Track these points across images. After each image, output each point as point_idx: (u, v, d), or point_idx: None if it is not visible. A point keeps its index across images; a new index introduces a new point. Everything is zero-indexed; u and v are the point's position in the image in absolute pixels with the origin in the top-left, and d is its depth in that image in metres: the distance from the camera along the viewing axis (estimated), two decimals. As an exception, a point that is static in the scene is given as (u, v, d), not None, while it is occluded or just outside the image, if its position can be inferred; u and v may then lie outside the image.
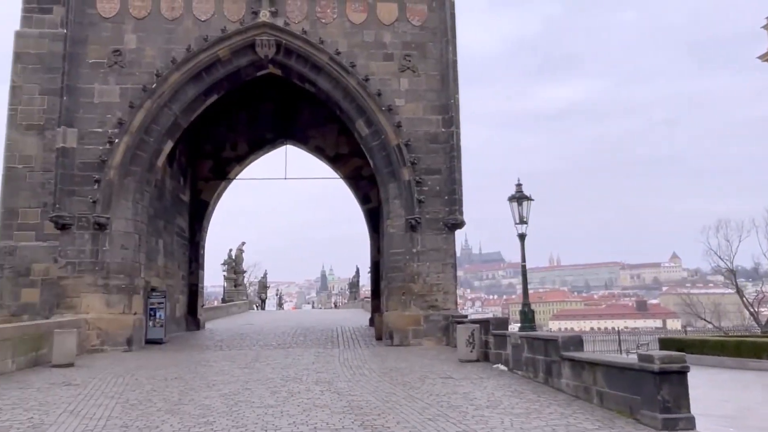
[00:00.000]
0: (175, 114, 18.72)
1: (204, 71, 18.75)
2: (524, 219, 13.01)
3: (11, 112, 20.24)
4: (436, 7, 19.48)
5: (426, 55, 19.35)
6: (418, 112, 19.11)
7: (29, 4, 20.93)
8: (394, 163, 18.82)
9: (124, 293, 17.63)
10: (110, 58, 18.44)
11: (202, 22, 18.83)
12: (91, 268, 17.49)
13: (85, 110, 18.20)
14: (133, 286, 17.89)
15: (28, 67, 20.34)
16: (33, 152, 19.94)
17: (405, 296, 18.30)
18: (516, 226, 13.08)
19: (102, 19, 18.60)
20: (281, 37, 18.83)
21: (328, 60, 18.86)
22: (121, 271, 17.70)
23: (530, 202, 13.04)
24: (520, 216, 12.97)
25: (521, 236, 13.08)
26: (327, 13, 19.23)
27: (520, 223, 13.03)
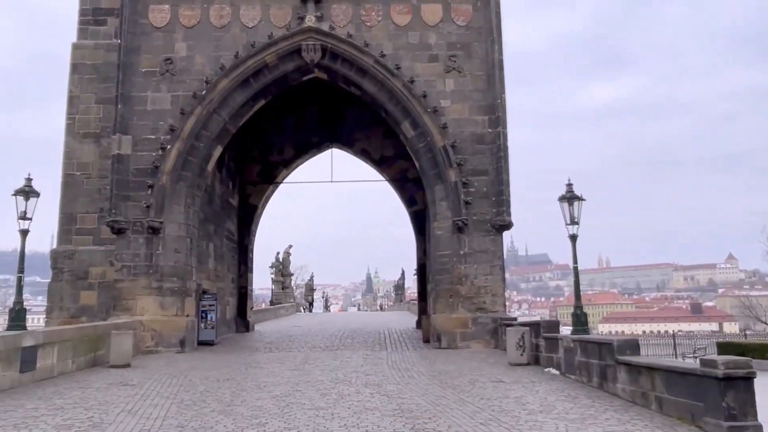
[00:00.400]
0: (224, 120, 19.07)
1: (252, 77, 19.04)
2: (575, 219, 12.71)
3: (69, 121, 21.04)
4: (481, 7, 19.29)
5: (471, 55, 19.17)
6: (464, 112, 18.95)
7: (85, 16, 21.74)
8: (440, 165, 18.70)
9: (177, 296, 18.04)
10: (162, 67, 18.93)
11: (249, 29, 19.13)
12: (146, 271, 17.96)
13: (139, 118, 18.72)
14: (185, 288, 18.30)
15: (85, 77, 21.12)
16: (90, 159, 20.68)
17: (452, 298, 18.14)
18: (567, 227, 12.78)
19: (154, 29, 19.11)
20: (327, 42, 18.96)
21: (373, 63, 18.89)
22: (174, 274, 18.12)
23: (581, 202, 12.73)
24: (571, 216, 12.68)
25: (572, 237, 12.78)
26: (371, 16, 19.27)
27: (572, 223, 12.73)
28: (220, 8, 19.22)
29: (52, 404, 9.64)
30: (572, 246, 12.82)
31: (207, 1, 19.22)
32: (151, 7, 19.13)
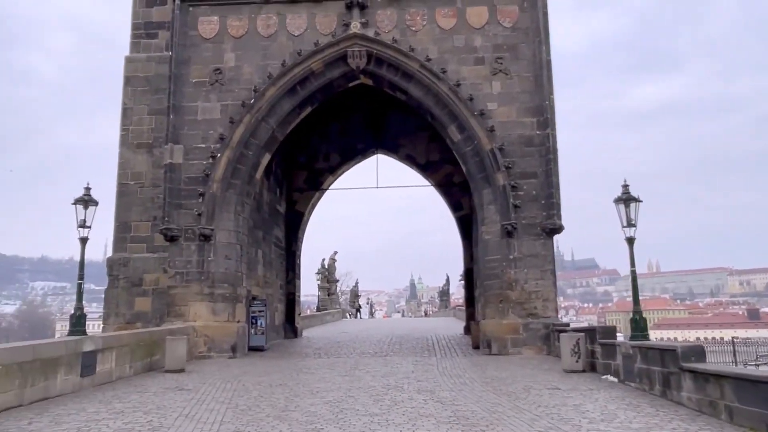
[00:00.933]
0: (272, 127, 19.30)
1: (298, 84, 19.22)
2: (632, 222, 12.32)
3: (123, 132, 21.65)
4: (527, 7, 19.02)
5: (518, 56, 18.91)
6: (511, 115, 18.69)
7: (137, 30, 22.38)
8: (488, 168, 18.47)
9: (228, 302, 18.30)
10: (211, 77, 19.30)
11: (295, 37, 19.34)
12: (198, 278, 18.28)
13: (190, 127, 19.12)
14: (236, 294, 18.54)
15: (137, 89, 21.72)
16: (143, 169, 21.23)
17: (502, 304, 17.85)
18: (623, 229, 12.40)
19: (203, 40, 19.51)
20: (372, 47, 19.01)
21: (418, 67, 18.83)
22: (225, 280, 18.39)
23: (638, 203, 12.34)
24: (628, 219, 12.30)
25: (629, 240, 12.37)
26: (416, 20, 19.23)
27: (628, 226, 12.34)
28: (267, 18, 19.49)
29: (112, 408, 9.85)
30: (629, 249, 12.42)
31: (254, 12, 19.52)
32: (200, 19, 19.54)
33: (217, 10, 19.61)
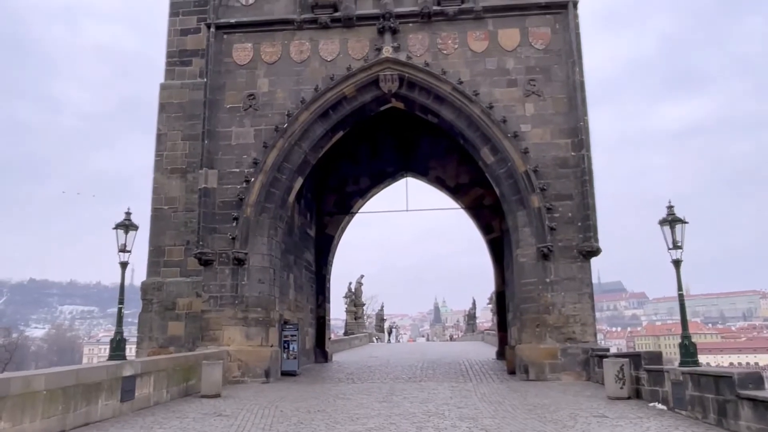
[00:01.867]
0: (305, 152, 19.41)
1: (331, 109, 19.34)
2: (678, 244, 12.03)
3: (157, 158, 21.95)
4: (560, 29, 18.97)
5: (551, 78, 18.82)
6: (545, 136, 18.54)
7: (171, 58, 22.81)
8: (522, 191, 18.28)
9: (262, 326, 18.25)
10: (245, 102, 19.52)
11: (328, 62, 19.51)
12: (231, 302, 18.29)
13: (224, 152, 19.30)
14: (269, 319, 18.50)
15: (172, 115, 22.05)
16: (176, 194, 21.45)
17: (539, 328, 17.51)
18: (669, 251, 12.10)
19: (237, 67, 19.79)
20: (404, 71, 19.08)
21: (450, 90, 18.83)
22: (259, 304, 18.37)
23: (684, 225, 12.06)
24: (674, 241, 12.01)
25: (676, 263, 12.06)
26: (448, 44, 19.29)
27: (674, 248, 12.04)
28: (300, 44, 19.72)
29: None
30: (676, 272, 12.08)
31: (287, 38, 19.77)
32: (234, 46, 19.85)
33: (251, 37, 19.91)
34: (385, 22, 19.26)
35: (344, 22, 19.57)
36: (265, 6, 20.10)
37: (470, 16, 19.27)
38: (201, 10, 22.19)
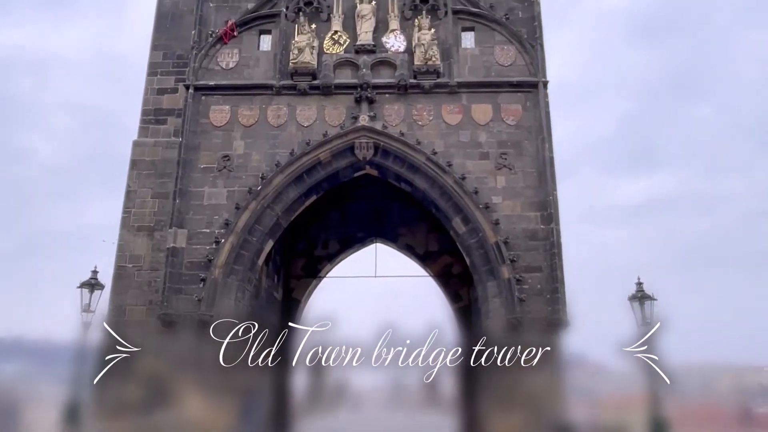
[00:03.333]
0: (277, 214, 19.39)
1: (305, 173, 19.50)
2: (647, 321, 12.25)
3: (125, 215, 21.53)
4: (530, 107, 19.74)
5: (522, 152, 19.43)
6: (515, 209, 18.95)
7: (147, 116, 22.74)
8: (492, 261, 18.49)
9: (225, 392, 17.60)
10: (219, 163, 19.55)
11: (304, 128, 19.81)
12: (194, 366, 17.65)
13: (195, 212, 19.14)
14: (233, 384, 17.86)
15: (143, 173, 21.80)
16: (142, 252, 20.94)
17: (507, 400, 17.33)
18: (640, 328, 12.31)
19: (214, 128, 19.92)
20: (379, 140, 19.48)
21: (425, 160, 19.24)
22: (222, 369, 17.76)
23: (653, 302, 12.32)
24: (644, 317, 12.22)
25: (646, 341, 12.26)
26: (423, 115, 19.83)
27: (644, 325, 12.25)
28: (278, 109, 20.02)
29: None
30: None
31: (265, 102, 20.07)
32: (212, 107, 20.04)
33: (229, 99, 20.15)
34: (363, 92, 19.78)
35: (322, 90, 20.01)
36: (245, 71, 20.48)
37: (445, 90, 19.95)
38: (179, 71, 22.40)
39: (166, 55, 22.91)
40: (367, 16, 20.64)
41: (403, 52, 20.34)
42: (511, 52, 20.33)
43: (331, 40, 20.57)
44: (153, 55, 23.05)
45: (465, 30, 20.76)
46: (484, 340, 18.64)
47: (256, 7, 21.12)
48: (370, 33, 20.51)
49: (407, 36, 20.48)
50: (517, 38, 20.34)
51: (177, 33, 22.85)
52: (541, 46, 20.21)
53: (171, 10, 23.32)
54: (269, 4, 21.16)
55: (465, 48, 20.59)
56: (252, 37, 20.91)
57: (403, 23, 20.74)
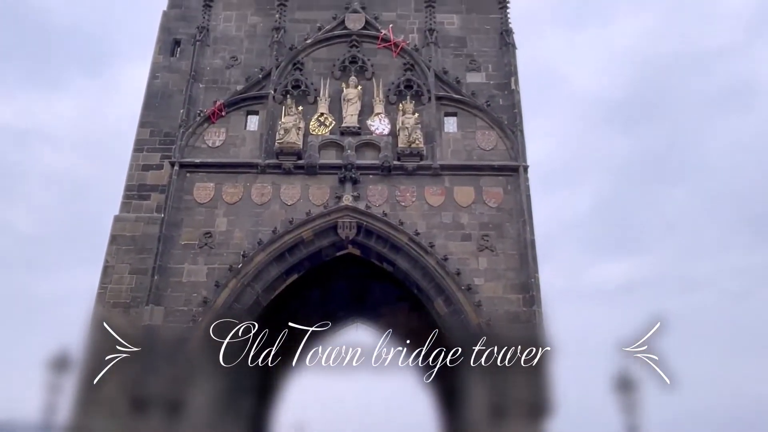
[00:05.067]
0: (258, 293, 19.14)
1: (287, 252, 19.43)
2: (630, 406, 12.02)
3: (101, 291, 21.07)
4: (511, 190, 20.12)
5: (503, 234, 19.61)
6: (497, 290, 18.92)
7: (130, 191, 22.72)
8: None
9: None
10: (201, 240, 19.44)
11: (288, 206, 19.91)
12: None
13: (173, 289, 18.82)
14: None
15: (122, 248, 21.55)
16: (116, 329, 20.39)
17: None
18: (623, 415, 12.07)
19: (197, 205, 19.94)
20: (362, 219, 19.60)
21: (407, 240, 19.32)
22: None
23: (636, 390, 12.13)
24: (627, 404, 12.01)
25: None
26: (406, 197, 20.08)
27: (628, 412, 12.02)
28: (262, 187, 20.17)
29: None
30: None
31: (250, 180, 20.24)
32: (197, 184, 20.15)
33: (214, 177, 20.30)
34: (347, 173, 20.07)
35: (307, 170, 20.28)
36: (231, 149, 20.76)
37: (428, 172, 20.32)
38: (166, 148, 22.59)
39: (153, 132, 23.22)
40: (353, 99, 21.27)
41: (388, 134, 20.86)
42: (492, 136, 20.93)
43: (317, 122, 21.07)
44: (140, 131, 23.36)
45: (448, 115, 21.43)
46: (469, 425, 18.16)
47: (244, 88, 21.69)
48: (355, 116, 21.07)
49: (392, 119, 21.06)
50: (498, 124, 21.01)
51: (165, 111, 23.26)
52: (521, 132, 20.87)
53: (161, 89, 23.86)
54: (258, 86, 21.75)
55: (448, 132, 21.18)
56: (239, 117, 21.35)
57: (388, 107, 21.38)
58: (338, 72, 21.97)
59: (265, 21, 23.04)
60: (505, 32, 22.65)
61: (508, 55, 22.21)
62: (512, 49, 22.35)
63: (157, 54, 24.72)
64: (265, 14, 23.19)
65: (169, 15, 25.55)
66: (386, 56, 22.25)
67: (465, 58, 22.39)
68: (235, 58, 22.36)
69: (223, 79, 22.08)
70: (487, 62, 22.32)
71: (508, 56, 22.20)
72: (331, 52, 22.39)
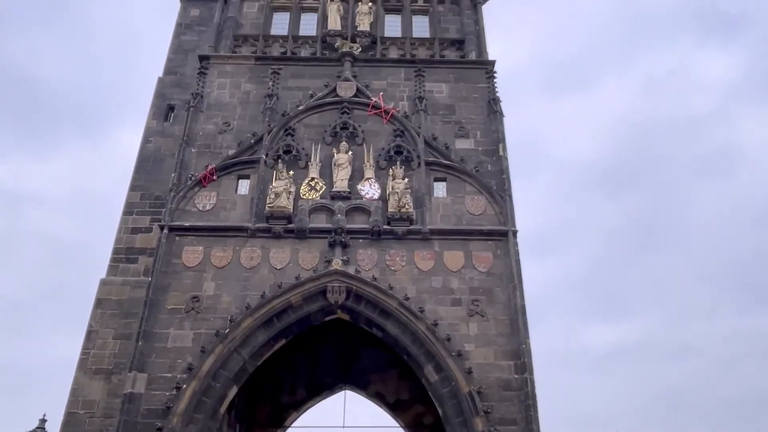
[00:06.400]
0: (244, 359, 18.73)
1: (276, 316, 19.16)
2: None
3: (83, 356, 20.55)
4: (501, 255, 20.15)
5: (494, 300, 19.50)
6: (489, 357, 18.64)
7: (118, 254, 22.56)
8: (465, 412, 17.81)
9: None
10: (188, 304, 19.15)
11: (277, 270, 19.77)
12: None
13: (158, 355, 18.39)
14: None
15: (107, 312, 21.18)
16: (97, 397, 19.74)
17: None
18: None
19: (185, 268, 19.75)
20: (352, 284, 19.46)
21: (397, 305, 19.14)
22: None
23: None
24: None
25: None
26: (396, 261, 20.04)
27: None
28: (251, 251, 20.07)
29: None
30: None
31: (239, 244, 20.15)
32: (185, 248, 20.02)
33: (203, 240, 20.21)
34: (337, 237, 20.07)
35: (297, 234, 20.26)
36: (221, 213, 20.77)
37: (418, 237, 20.37)
38: (156, 211, 22.60)
39: (144, 196, 23.31)
40: (343, 164, 21.52)
41: (378, 199, 21.01)
42: (481, 201, 21.14)
43: (308, 186, 21.23)
44: (131, 195, 23.44)
45: (437, 180, 21.70)
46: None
47: (236, 153, 21.93)
48: (346, 180, 21.27)
49: (382, 184, 21.27)
50: (486, 189, 21.27)
51: (157, 175, 23.45)
52: (510, 198, 21.12)
53: (153, 153, 24.12)
54: (249, 151, 22.00)
55: (437, 197, 21.39)
56: (230, 181, 21.48)
57: (378, 172, 21.62)
58: (329, 137, 22.32)
59: (258, 88, 23.54)
60: (493, 101, 23.27)
61: (496, 123, 22.74)
62: (500, 117, 22.92)
63: (150, 119, 25.16)
64: (259, 82, 23.72)
65: (164, 81, 26.17)
66: (377, 123, 22.70)
67: (454, 125, 22.88)
68: (227, 124, 22.68)
69: (216, 144, 22.33)
70: (475, 129, 22.81)
71: (496, 123, 22.73)
72: (322, 119, 22.82)
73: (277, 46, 25.22)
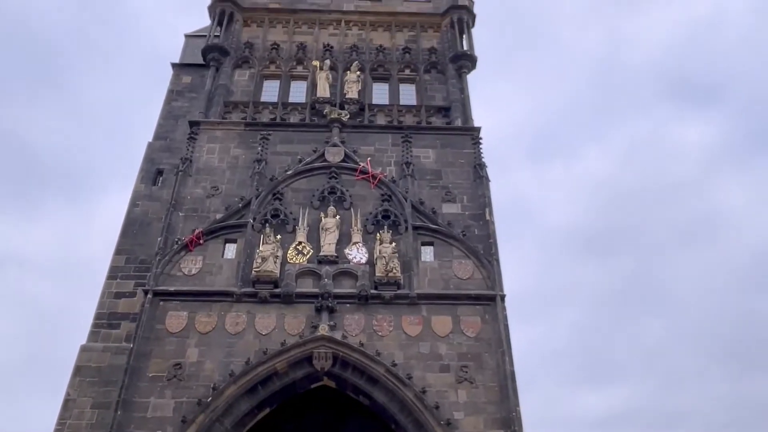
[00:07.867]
0: (227, 429, 18.11)
1: (260, 384, 18.67)
2: None
3: (59, 427, 19.84)
4: (489, 319, 19.97)
5: (482, 366, 19.19)
6: (479, 425, 18.16)
7: (99, 320, 22.17)
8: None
9: None
10: (170, 372, 18.64)
11: (263, 336, 19.42)
12: None
13: (136, 425, 17.74)
14: None
15: (86, 380, 20.61)
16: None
17: None
18: None
19: (168, 334, 19.34)
20: (338, 350, 19.12)
21: (384, 372, 18.77)
22: None
23: None
24: None
25: None
26: (383, 326, 19.79)
27: None
28: (237, 316, 19.76)
29: None
30: None
31: (225, 309, 19.85)
32: (169, 313, 19.67)
33: (187, 305, 19.88)
34: (324, 301, 19.85)
35: (283, 298, 20.03)
36: (207, 277, 20.56)
37: (405, 301, 20.20)
38: (140, 275, 22.38)
39: (129, 260, 23.13)
40: (331, 229, 21.54)
41: (365, 263, 20.93)
42: (468, 266, 21.12)
43: (295, 251, 21.14)
44: (115, 259, 23.26)
45: (424, 244, 21.71)
46: None
47: (224, 217, 21.90)
48: (333, 245, 21.22)
49: (369, 248, 21.24)
50: (474, 253, 21.29)
51: (143, 239, 23.36)
52: (497, 262, 21.13)
53: (140, 217, 24.12)
54: (237, 215, 22.00)
55: (425, 261, 21.34)
56: (217, 245, 21.35)
57: (366, 236, 21.63)
58: (317, 202, 22.42)
59: (247, 153, 23.78)
60: (479, 166, 23.63)
61: (482, 188, 23.02)
62: (486, 182, 23.21)
63: (139, 182, 25.28)
64: (248, 147, 23.99)
65: (154, 146, 26.46)
66: (364, 187, 22.90)
67: (441, 190, 23.11)
68: (216, 188, 22.76)
69: (203, 207, 22.32)
70: (462, 194, 23.04)
71: (482, 188, 23.00)
72: (310, 183, 23.00)
73: (266, 113, 25.66)
